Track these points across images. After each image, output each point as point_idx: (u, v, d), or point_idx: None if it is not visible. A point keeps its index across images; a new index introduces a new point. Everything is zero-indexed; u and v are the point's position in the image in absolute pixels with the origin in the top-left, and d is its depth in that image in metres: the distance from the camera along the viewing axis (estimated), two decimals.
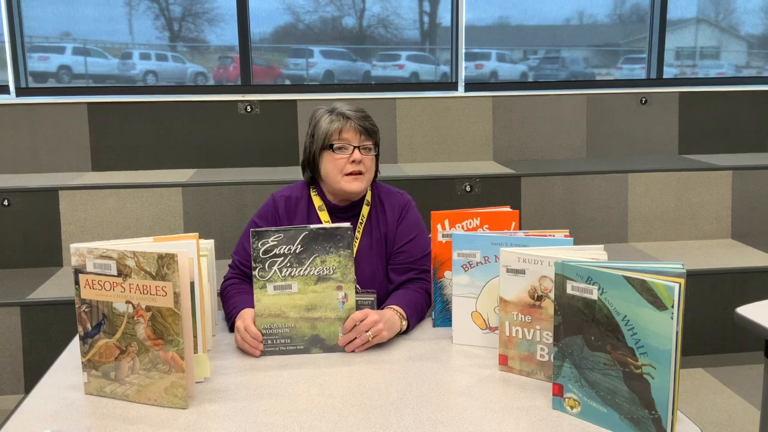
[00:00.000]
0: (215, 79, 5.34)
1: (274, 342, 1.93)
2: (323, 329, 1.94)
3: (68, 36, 5.10)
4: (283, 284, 1.90)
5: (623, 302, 1.46)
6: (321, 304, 1.92)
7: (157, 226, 4.00)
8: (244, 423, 1.56)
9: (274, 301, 1.91)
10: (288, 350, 1.93)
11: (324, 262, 1.90)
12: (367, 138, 2.29)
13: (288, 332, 1.92)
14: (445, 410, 1.61)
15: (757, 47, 5.87)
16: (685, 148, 4.96)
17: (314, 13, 5.26)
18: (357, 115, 2.29)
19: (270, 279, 1.89)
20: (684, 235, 4.39)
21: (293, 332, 1.92)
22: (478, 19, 5.35)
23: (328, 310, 1.93)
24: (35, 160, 4.47)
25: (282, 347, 1.93)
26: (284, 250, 1.89)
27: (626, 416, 1.48)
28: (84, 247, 1.65)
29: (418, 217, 2.39)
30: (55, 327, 3.45)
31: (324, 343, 1.94)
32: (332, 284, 1.92)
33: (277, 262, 1.89)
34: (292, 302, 1.91)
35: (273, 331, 1.92)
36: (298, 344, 1.93)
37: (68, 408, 1.64)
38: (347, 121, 2.27)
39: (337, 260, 1.91)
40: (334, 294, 1.92)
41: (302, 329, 1.93)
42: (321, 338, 1.94)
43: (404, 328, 2.08)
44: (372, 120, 2.34)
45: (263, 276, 1.89)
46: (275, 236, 1.88)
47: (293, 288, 1.90)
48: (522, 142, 4.81)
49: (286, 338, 1.93)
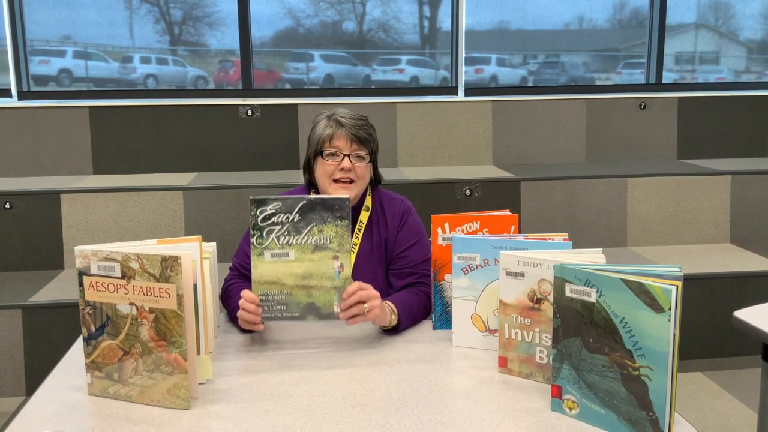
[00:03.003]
0: (215, 82, 5.35)
1: (270, 308, 1.94)
2: (319, 297, 1.95)
3: (69, 39, 5.12)
4: (281, 252, 1.91)
5: (621, 305, 1.47)
6: (317, 273, 1.93)
7: (158, 229, 4.02)
8: (246, 424, 1.58)
9: (271, 268, 1.92)
10: (284, 317, 1.95)
11: (321, 231, 1.92)
12: (360, 146, 2.29)
13: (284, 299, 1.94)
14: (445, 412, 1.62)
15: (757, 52, 5.89)
16: (684, 152, 4.97)
17: (315, 17, 5.28)
18: (352, 122, 2.29)
19: (267, 246, 1.91)
20: (683, 239, 4.40)
21: (289, 299, 1.94)
22: (478, 23, 5.37)
23: (324, 278, 1.94)
24: (37, 163, 4.48)
25: (278, 314, 1.95)
26: (282, 219, 1.90)
27: (624, 418, 1.50)
28: (88, 249, 1.66)
29: (418, 223, 2.40)
30: (57, 329, 3.46)
31: (319, 311, 1.95)
32: (329, 254, 1.93)
33: (275, 230, 1.90)
34: (289, 270, 1.92)
35: (269, 297, 1.93)
36: (294, 311, 1.95)
37: (72, 408, 1.66)
38: (340, 128, 2.27)
39: (334, 230, 1.92)
40: (330, 263, 1.93)
41: (298, 297, 1.94)
42: (316, 306, 1.95)
43: (393, 323, 2.08)
44: (369, 129, 2.33)
45: (261, 243, 1.90)
46: (274, 204, 1.90)
47: (290, 256, 1.92)
48: (522, 147, 4.82)
49: (282, 305, 1.94)
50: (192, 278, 1.67)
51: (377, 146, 2.39)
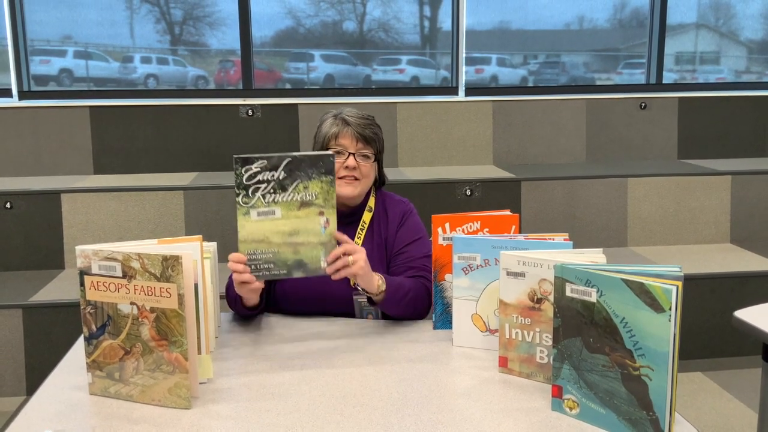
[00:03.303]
0: (216, 82, 5.36)
1: (258, 267, 1.93)
2: (306, 253, 1.95)
3: (70, 39, 5.12)
4: (267, 210, 1.91)
5: (621, 305, 1.48)
6: (304, 230, 1.93)
7: (159, 229, 4.02)
8: (247, 423, 1.58)
9: (258, 227, 1.91)
10: (271, 275, 1.94)
11: (306, 188, 1.92)
12: (365, 145, 2.29)
13: (271, 257, 1.93)
14: (445, 411, 1.63)
15: (757, 52, 5.89)
16: (684, 152, 4.97)
17: (315, 17, 5.28)
18: (358, 121, 2.29)
19: (253, 205, 1.90)
20: (683, 239, 4.41)
21: (276, 257, 1.93)
22: (478, 23, 5.38)
23: (310, 235, 1.94)
24: (38, 163, 4.48)
25: (265, 272, 1.94)
26: (268, 177, 1.89)
27: (624, 417, 1.50)
28: (89, 249, 1.67)
29: (418, 223, 2.40)
30: (57, 329, 3.47)
31: (306, 267, 1.95)
32: (315, 210, 1.93)
33: (261, 188, 1.89)
34: (276, 228, 1.92)
35: (256, 256, 1.92)
36: (281, 269, 1.94)
37: (73, 408, 1.66)
38: (346, 127, 2.28)
39: (319, 186, 1.92)
40: (316, 219, 1.94)
41: (285, 254, 1.94)
42: (304, 262, 1.95)
43: (381, 288, 2.10)
44: (375, 128, 2.34)
45: (246, 202, 1.89)
46: (259, 162, 1.88)
47: (276, 214, 1.91)
48: (522, 147, 4.83)
49: (270, 263, 1.93)
50: (193, 278, 1.67)
51: (383, 146, 2.39)
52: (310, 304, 2.26)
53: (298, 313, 2.27)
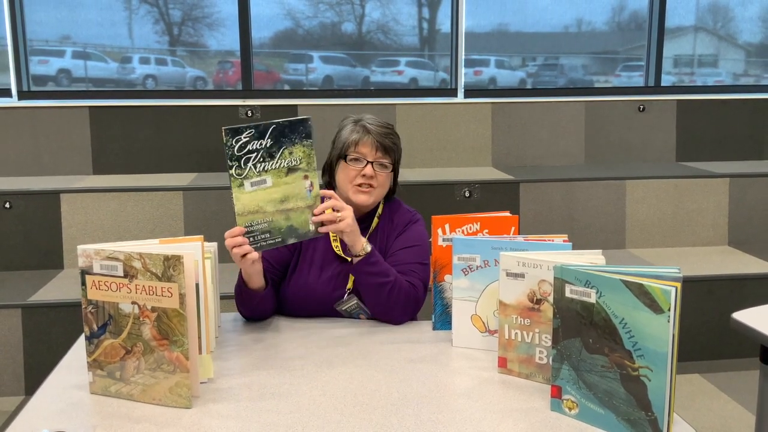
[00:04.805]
0: (215, 83, 5.36)
1: (256, 239, 1.98)
2: (296, 218, 1.99)
3: (68, 39, 5.12)
4: (259, 179, 1.95)
5: (621, 305, 1.48)
6: (292, 195, 1.98)
7: (158, 229, 4.02)
8: (248, 423, 1.58)
9: (252, 197, 1.95)
10: (269, 244, 1.99)
11: (291, 153, 1.96)
12: (384, 155, 2.28)
13: (267, 227, 1.97)
14: (445, 411, 1.63)
15: (755, 55, 5.91)
16: (682, 155, 4.98)
17: (314, 18, 5.29)
18: (379, 130, 2.29)
19: (246, 176, 1.94)
20: (681, 241, 4.42)
21: (271, 226, 1.98)
22: (477, 25, 5.39)
23: (298, 199, 1.99)
24: (37, 163, 4.49)
25: (263, 242, 1.98)
26: (257, 146, 1.94)
27: (623, 418, 1.51)
28: (91, 249, 1.67)
29: (421, 233, 2.36)
30: (56, 329, 3.47)
31: (297, 232, 2.00)
32: (300, 174, 1.98)
33: (252, 158, 1.94)
34: (268, 196, 1.96)
35: (253, 227, 1.97)
36: (276, 237, 1.99)
37: (74, 407, 1.66)
38: (367, 135, 2.27)
39: (302, 150, 1.97)
40: (302, 183, 1.98)
41: (278, 222, 1.98)
42: (295, 228, 1.99)
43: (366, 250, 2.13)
44: (395, 138, 2.33)
45: (240, 174, 1.93)
46: (247, 132, 1.93)
47: (267, 182, 1.96)
48: (521, 149, 4.83)
49: (266, 233, 1.98)
50: (194, 278, 1.68)
51: (400, 156, 2.38)
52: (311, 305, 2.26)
53: (298, 314, 2.28)
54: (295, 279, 2.26)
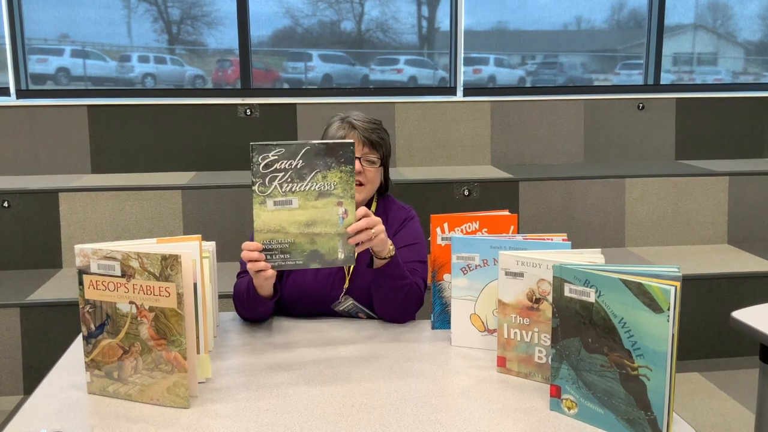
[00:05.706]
0: (214, 82, 5.36)
1: (274, 257, 1.90)
2: (323, 244, 1.91)
3: (67, 38, 5.12)
4: (284, 200, 1.88)
5: (620, 305, 1.48)
6: (321, 220, 1.90)
7: (157, 228, 4.02)
8: (246, 422, 1.58)
9: (274, 216, 1.88)
10: (288, 265, 1.91)
11: (325, 177, 1.88)
12: (372, 150, 2.28)
13: (287, 247, 1.90)
14: (444, 411, 1.63)
15: (755, 54, 5.91)
16: (682, 153, 4.98)
17: (313, 17, 5.28)
18: (365, 126, 2.28)
19: (270, 194, 1.86)
20: (680, 240, 4.41)
21: (293, 247, 1.90)
22: (476, 24, 5.38)
23: (328, 225, 1.91)
24: (35, 161, 4.48)
25: (281, 262, 1.91)
26: (285, 165, 1.86)
27: (623, 417, 1.50)
28: (88, 248, 1.67)
29: (417, 230, 2.36)
30: (55, 328, 3.46)
31: (323, 257, 1.92)
32: (333, 200, 1.90)
33: (278, 177, 1.86)
34: (292, 218, 1.89)
35: (272, 246, 1.90)
36: (297, 259, 1.91)
37: (71, 407, 1.66)
38: (352, 131, 2.26)
39: (338, 176, 1.88)
40: (334, 210, 1.90)
41: (302, 244, 1.90)
42: (320, 253, 1.91)
43: (391, 254, 2.10)
44: (382, 133, 2.32)
45: (263, 191, 1.86)
46: (276, 150, 1.85)
47: (293, 204, 1.88)
48: (520, 147, 4.83)
49: (286, 254, 1.90)
50: (192, 277, 1.67)
51: (389, 151, 2.36)
52: (308, 305, 2.26)
53: (297, 314, 2.27)
54: (291, 278, 2.26)
